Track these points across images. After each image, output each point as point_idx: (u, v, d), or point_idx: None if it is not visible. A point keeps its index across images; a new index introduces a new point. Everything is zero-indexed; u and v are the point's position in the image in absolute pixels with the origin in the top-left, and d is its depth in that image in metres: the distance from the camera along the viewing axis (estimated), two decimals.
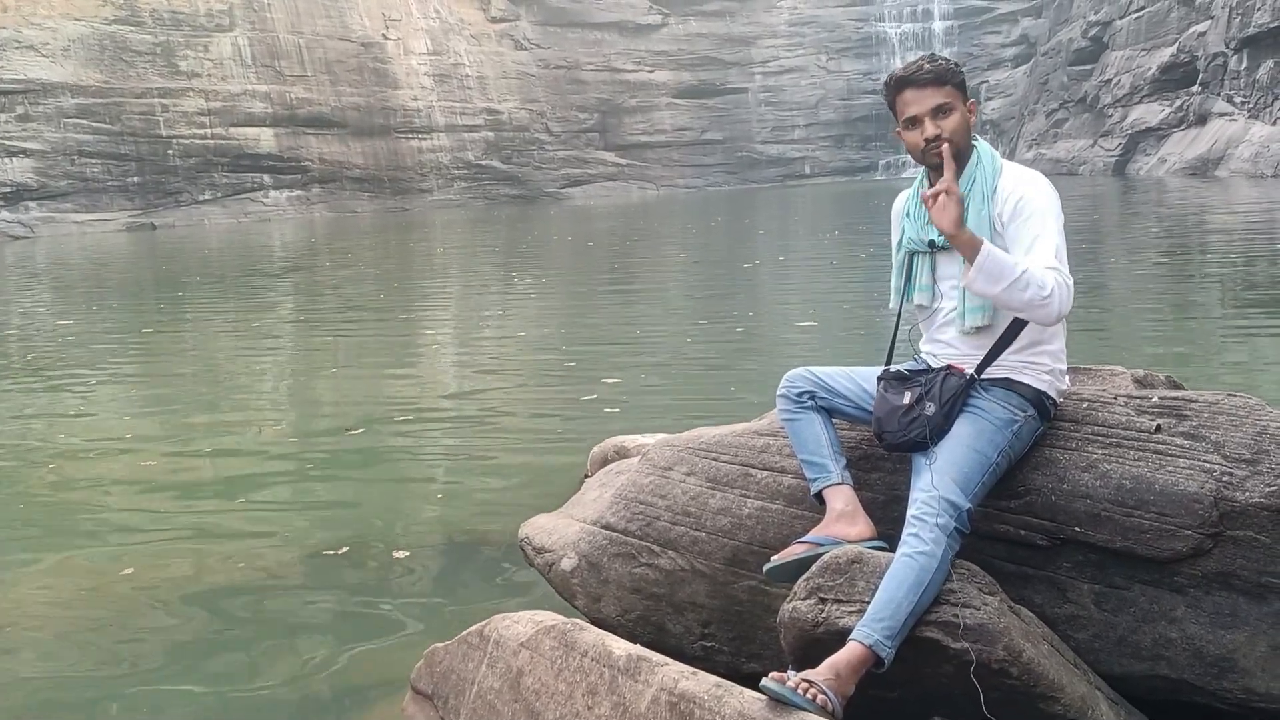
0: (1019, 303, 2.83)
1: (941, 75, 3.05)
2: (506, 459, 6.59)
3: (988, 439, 2.91)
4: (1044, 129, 54.02)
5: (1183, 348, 9.03)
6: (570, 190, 63.07)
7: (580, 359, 9.91)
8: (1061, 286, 2.83)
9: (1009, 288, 2.79)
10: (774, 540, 3.18)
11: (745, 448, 3.42)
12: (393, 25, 60.01)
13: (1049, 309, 2.82)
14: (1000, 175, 3.05)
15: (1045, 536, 2.91)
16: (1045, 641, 2.73)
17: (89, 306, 17.89)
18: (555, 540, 3.70)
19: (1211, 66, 38.95)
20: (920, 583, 2.65)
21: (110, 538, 5.48)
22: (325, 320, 14.24)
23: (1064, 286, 2.83)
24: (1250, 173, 34.11)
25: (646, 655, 2.72)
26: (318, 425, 8.03)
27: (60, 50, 49.89)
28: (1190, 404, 2.94)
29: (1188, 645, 2.75)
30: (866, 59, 67.20)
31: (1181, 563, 2.75)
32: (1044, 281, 2.80)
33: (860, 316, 11.54)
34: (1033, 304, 2.82)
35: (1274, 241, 17.32)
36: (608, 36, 66.80)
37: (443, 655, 3.15)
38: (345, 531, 5.30)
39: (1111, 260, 15.83)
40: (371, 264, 24.27)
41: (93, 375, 10.50)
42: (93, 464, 6.97)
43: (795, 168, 67.71)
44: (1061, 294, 2.82)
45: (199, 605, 4.53)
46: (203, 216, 51.96)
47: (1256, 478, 2.72)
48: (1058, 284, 2.82)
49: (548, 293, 16.56)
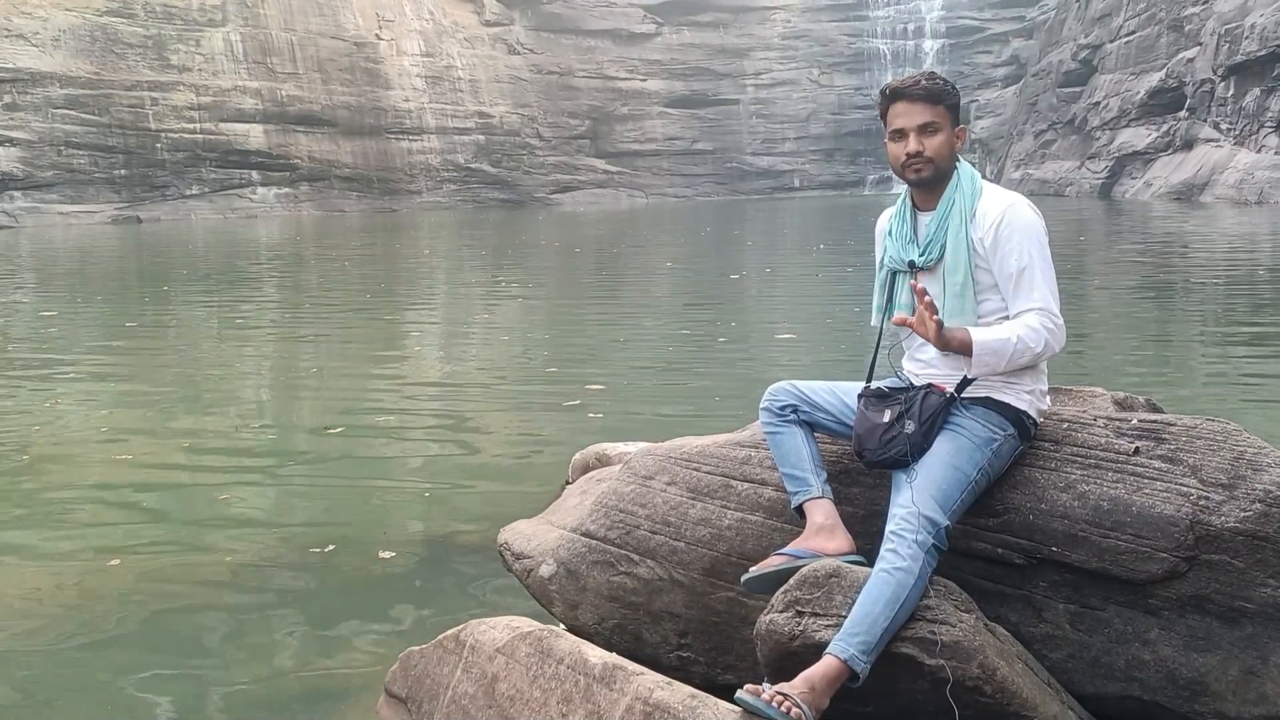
0: (1023, 364, 2.99)
1: (935, 94, 3.08)
2: (487, 463, 6.57)
3: (967, 457, 2.92)
4: (1032, 149, 54.35)
5: (1163, 371, 9.10)
6: (559, 196, 63.08)
7: (564, 364, 9.90)
8: (1052, 333, 2.96)
9: (1009, 362, 2.95)
10: (753, 552, 3.18)
11: (727, 459, 3.43)
12: (386, 26, 59.96)
13: (1046, 356, 3.01)
14: (980, 197, 3.08)
15: (1022, 555, 2.92)
16: (1020, 660, 2.74)
17: (73, 299, 17.78)
18: (534, 546, 3.70)
19: (1199, 93, 39.27)
20: (897, 598, 2.66)
21: (82, 533, 5.44)
22: (309, 319, 14.18)
23: (1053, 331, 2.97)
24: (1235, 199, 34.39)
25: (622, 664, 2.72)
26: (297, 424, 7.99)
27: (50, 40, 49.65)
28: (1169, 427, 2.96)
29: (1161, 667, 2.76)
30: (858, 74, 67.53)
31: (1156, 585, 2.77)
32: (1036, 339, 2.94)
33: (843, 331, 11.57)
34: (1035, 360, 3.00)
35: (1256, 267, 17.47)
36: (601, 44, 66.91)
37: (418, 659, 3.14)
38: (323, 532, 5.27)
39: (1095, 282, 15.93)
40: (357, 264, 24.21)
41: (74, 368, 10.44)
42: (71, 458, 6.91)
43: (784, 180, 67.94)
44: (1053, 340, 2.98)
45: (175, 602, 4.50)
46: (189, 211, 51.74)
47: (1232, 503, 2.74)
48: (1049, 332, 2.96)
49: (533, 297, 16.55)
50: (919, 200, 3.18)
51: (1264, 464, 2.79)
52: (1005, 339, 2.92)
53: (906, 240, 3.16)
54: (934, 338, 2.90)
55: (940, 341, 2.91)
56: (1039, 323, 2.93)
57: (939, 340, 2.91)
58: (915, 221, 3.19)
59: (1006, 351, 2.91)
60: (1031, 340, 2.92)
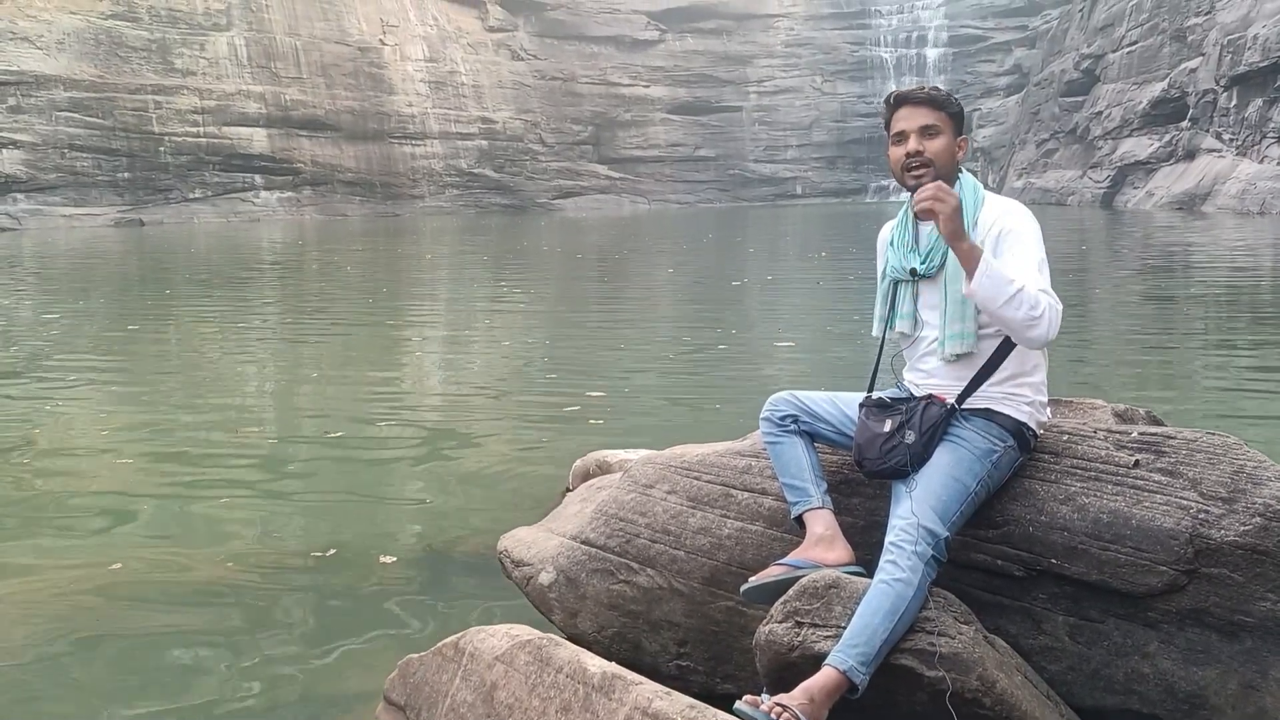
0: (1012, 319, 2.85)
1: (938, 101, 3.11)
2: (487, 469, 6.57)
3: (967, 468, 2.92)
4: (1034, 158, 54.39)
5: (1163, 383, 9.09)
6: (561, 201, 63.13)
7: (564, 371, 9.90)
8: (1051, 309, 2.87)
9: (1006, 303, 2.82)
10: (753, 561, 3.18)
11: (727, 468, 3.43)
12: (390, 31, 60.07)
13: (1038, 329, 2.85)
14: (982, 207, 3.09)
15: (1022, 567, 2.92)
16: (1019, 672, 2.74)
17: (75, 301, 17.79)
18: (534, 554, 3.70)
19: (1201, 103, 39.30)
20: (896, 610, 2.66)
21: (82, 538, 5.44)
22: (311, 323, 14.19)
23: (1053, 309, 2.88)
24: (1236, 209, 34.40)
25: (621, 673, 2.72)
26: (298, 429, 7.99)
27: (55, 43, 49.75)
28: (1169, 440, 2.96)
29: (1160, 680, 2.76)
30: (861, 82, 67.62)
31: (1156, 598, 2.77)
32: (1036, 301, 2.84)
33: (844, 339, 11.57)
34: (1024, 323, 2.85)
35: (1258, 278, 17.46)
36: (604, 50, 67.01)
37: (417, 666, 3.14)
38: (323, 537, 5.27)
39: (1096, 292, 15.93)
40: (359, 268, 24.22)
41: (75, 372, 10.44)
42: (71, 462, 6.92)
43: (787, 187, 67.99)
44: (1051, 316, 2.86)
45: (175, 607, 4.50)
46: (192, 215, 51.80)
47: (1232, 516, 2.74)
48: (1049, 306, 2.86)
49: (535, 303, 16.55)
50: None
51: (1264, 478, 2.80)
52: (1011, 279, 2.83)
53: (908, 249, 3.18)
54: (951, 212, 2.82)
55: (950, 228, 2.84)
56: (1045, 299, 2.87)
57: (951, 225, 2.83)
58: (916, 230, 3.20)
59: (1008, 290, 2.81)
60: (1031, 299, 2.82)
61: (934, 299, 3.11)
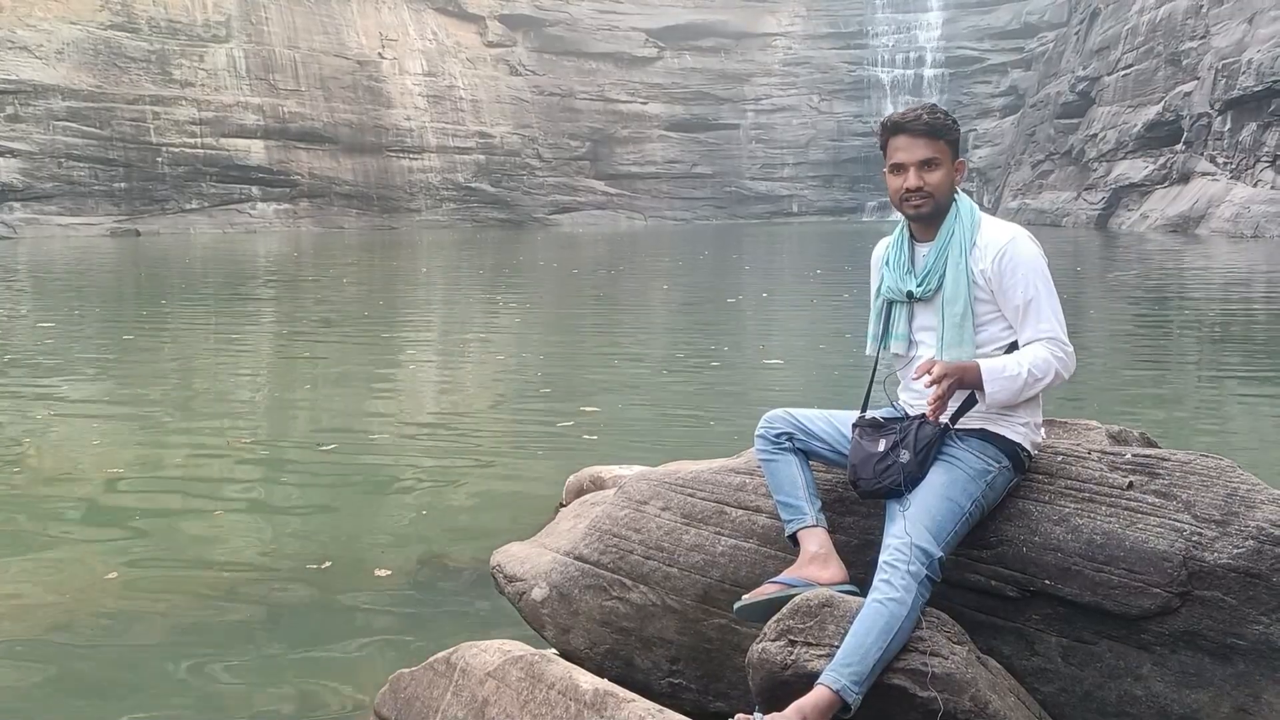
0: (1036, 392, 3.01)
1: (936, 129, 3.09)
2: (480, 483, 6.56)
3: (961, 488, 2.93)
4: (1029, 179, 54.59)
5: (1158, 405, 9.11)
6: (558, 217, 63.24)
7: (559, 386, 9.90)
8: (1061, 360, 2.97)
9: (1023, 390, 2.96)
10: (746, 579, 3.18)
11: (721, 485, 3.43)
12: (389, 45, 60.28)
13: (1057, 382, 3.01)
14: (978, 229, 3.10)
15: (1015, 588, 2.92)
16: (1012, 694, 2.74)
17: (70, 310, 17.77)
18: (527, 569, 3.69)
19: (1196, 126, 39.50)
20: (890, 629, 2.66)
21: (76, 547, 5.42)
22: (305, 335, 14.18)
23: (1063, 360, 2.98)
24: (1230, 232, 34.54)
25: (614, 690, 2.71)
26: (292, 441, 7.97)
27: (54, 53, 49.84)
28: (1163, 462, 2.96)
29: (1153, 703, 2.76)
30: (858, 101, 67.89)
31: (1149, 620, 2.77)
32: (1044, 369, 2.95)
33: (838, 358, 11.58)
34: (1047, 388, 3.00)
35: (1252, 301, 17.53)
36: (603, 66, 67.24)
37: (408, 681, 3.13)
38: (317, 550, 5.26)
39: (1091, 313, 15.97)
40: (355, 281, 24.22)
41: (71, 380, 10.42)
42: (66, 471, 6.89)
43: (783, 205, 68.17)
44: (1060, 369, 2.98)
45: (168, 618, 4.48)
46: (188, 225, 51.81)
47: (1225, 539, 2.75)
48: (1058, 360, 2.97)
49: (530, 318, 16.56)
50: (917, 231, 3.20)
51: (1257, 500, 2.80)
52: (1015, 374, 2.93)
53: (904, 270, 3.18)
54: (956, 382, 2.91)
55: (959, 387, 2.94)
56: (1047, 352, 2.96)
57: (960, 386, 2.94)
58: (913, 252, 3.20)
59: (1018, 382, 2.93)
60: (1040, 370, 2.94)
61: (930, 320, 3.11)
